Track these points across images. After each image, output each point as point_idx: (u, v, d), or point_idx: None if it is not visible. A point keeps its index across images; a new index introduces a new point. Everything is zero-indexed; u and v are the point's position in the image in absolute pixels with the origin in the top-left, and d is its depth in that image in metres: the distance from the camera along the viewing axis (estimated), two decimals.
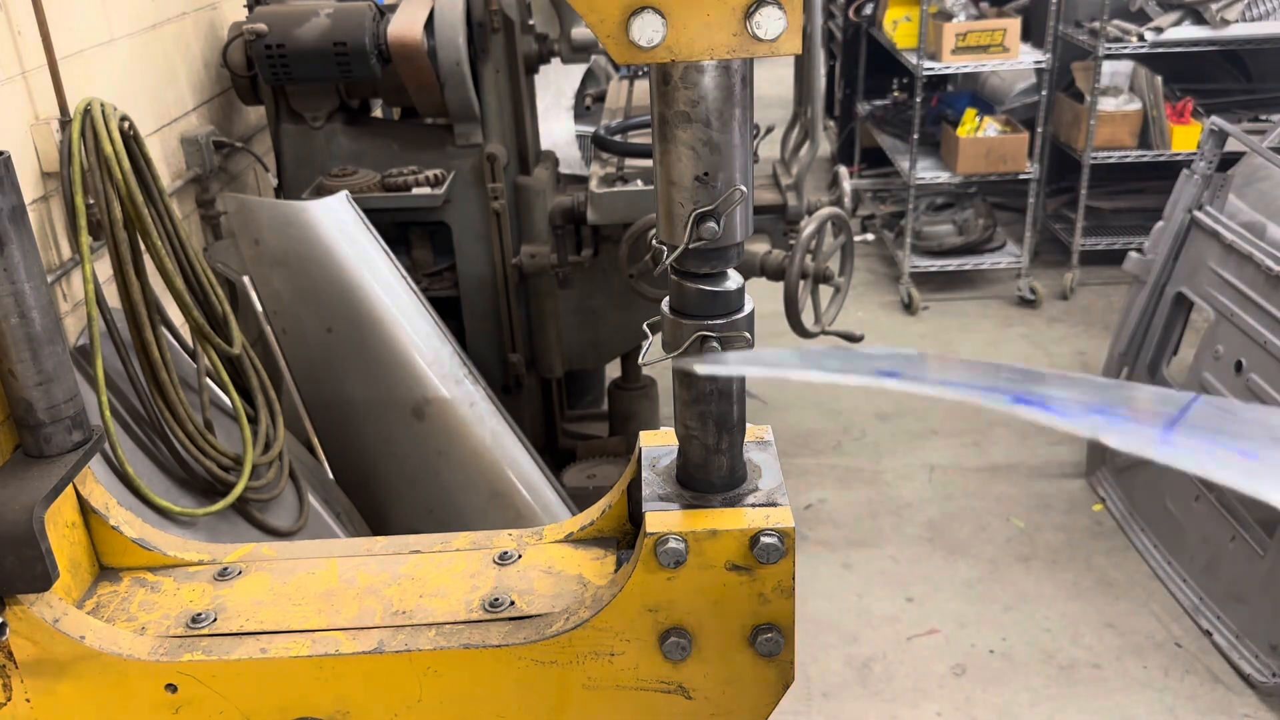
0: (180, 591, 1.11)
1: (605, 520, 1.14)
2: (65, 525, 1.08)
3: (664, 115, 0.90)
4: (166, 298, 2.48)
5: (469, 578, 1.09)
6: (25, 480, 1.00)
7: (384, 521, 3.07)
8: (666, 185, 0.93)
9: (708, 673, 1.00)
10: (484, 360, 3.56)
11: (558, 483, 3.15)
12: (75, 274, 2.60)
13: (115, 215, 2.23)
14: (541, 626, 1.01)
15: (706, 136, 0.90)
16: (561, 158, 3.93)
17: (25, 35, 2.45)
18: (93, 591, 1.12)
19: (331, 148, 3.49)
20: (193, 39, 3.45)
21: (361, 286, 2.96)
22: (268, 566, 1.14)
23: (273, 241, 2.95)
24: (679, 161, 0.91)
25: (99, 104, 2.23)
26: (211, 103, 3.55)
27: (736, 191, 0.92)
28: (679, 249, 0.93)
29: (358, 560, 1.14)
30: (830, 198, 3.84)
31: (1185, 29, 5.38)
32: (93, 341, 2.17)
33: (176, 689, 1.01)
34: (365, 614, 1.05)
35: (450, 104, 3.32)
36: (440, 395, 2.96)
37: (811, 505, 4.16)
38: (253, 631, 1.04)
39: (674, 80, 0.89)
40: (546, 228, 3.56)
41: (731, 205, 0.92)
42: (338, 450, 3.07)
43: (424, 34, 3.22)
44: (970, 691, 3.22)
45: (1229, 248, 3.53)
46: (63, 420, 1.04)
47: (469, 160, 3.44)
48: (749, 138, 0.93)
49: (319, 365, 3.01)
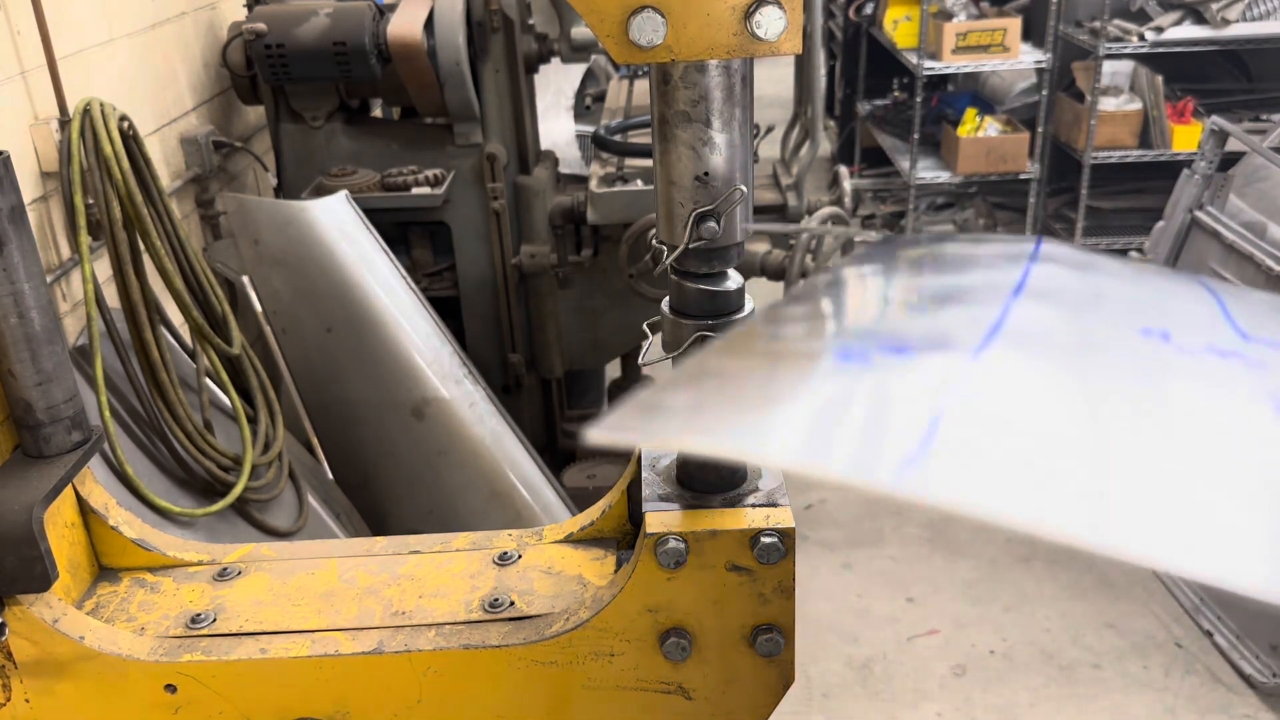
0: (180, 592, 1.11)
1: (605, 520, 1.13)
2: (64, 525, 1.08)
3: (664, 115, 0.90)
4: (166, 298, 2.48)
5: (469, 578, 1.09)
6: (24, 480, 1.00)
7: (384, 522, 3.06)
8: (666, 185, 0.93)
9: (708, 673, 1.00)
10: (484, 360, 3.56)
11: (557, 483, 3.15)
12: (74, 274, 2.60)
13: (115, 215, 2.23)
14: (541, 627, 1.01)
15: (707, 136, 0.90)
16: (561, 157, 3.93)
17: (25, 35, 2.45)
18: (92, 592, 1.12)
19: (331, 147, 3.49)
20: (192, 39, 3.45)
21: (361, 286, 2.95)
22: (267, 567, 1.14)
23: (272, 241, 2.94)
24: (679, 161, 0.91)
25: (98, 104, 2.22)
26: (211, 103, 3.55)
27: (736, 191, 0.92)
28: (679, 249, 0.93)
29: (357, 560, 1.14)
30: (830, 198, 3.84)
31: (1186, 29, 5.38)
32: (92, 341, 2.17)
33: (176, 689, 1.01)
34: (365, 614, 1.05)
35: (450, 104, 3.32)
36: (440, 395, 2.96)
37: (812, 505, 4.16)
38: (252, 632, 1.04)
39: (674, 80, 0.89)
40: (546, 228, 3.56)
41: (731, 205, 0.92)
42: (337, 450, 3.07)
43: (424, 33, 3.22)
44: (970, 692, 3.22)
45: (1230, 248, 3.53)
46: (62, 420, 1.04)
47: (469, 160, 3.44)
48: (749, 137, 0.93)
49: (318, 365, 3.00)
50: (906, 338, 0.57)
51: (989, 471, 0.44)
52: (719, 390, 0.53)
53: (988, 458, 0.45)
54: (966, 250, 0.85)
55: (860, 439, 0.46)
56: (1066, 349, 0.58)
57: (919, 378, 0.52)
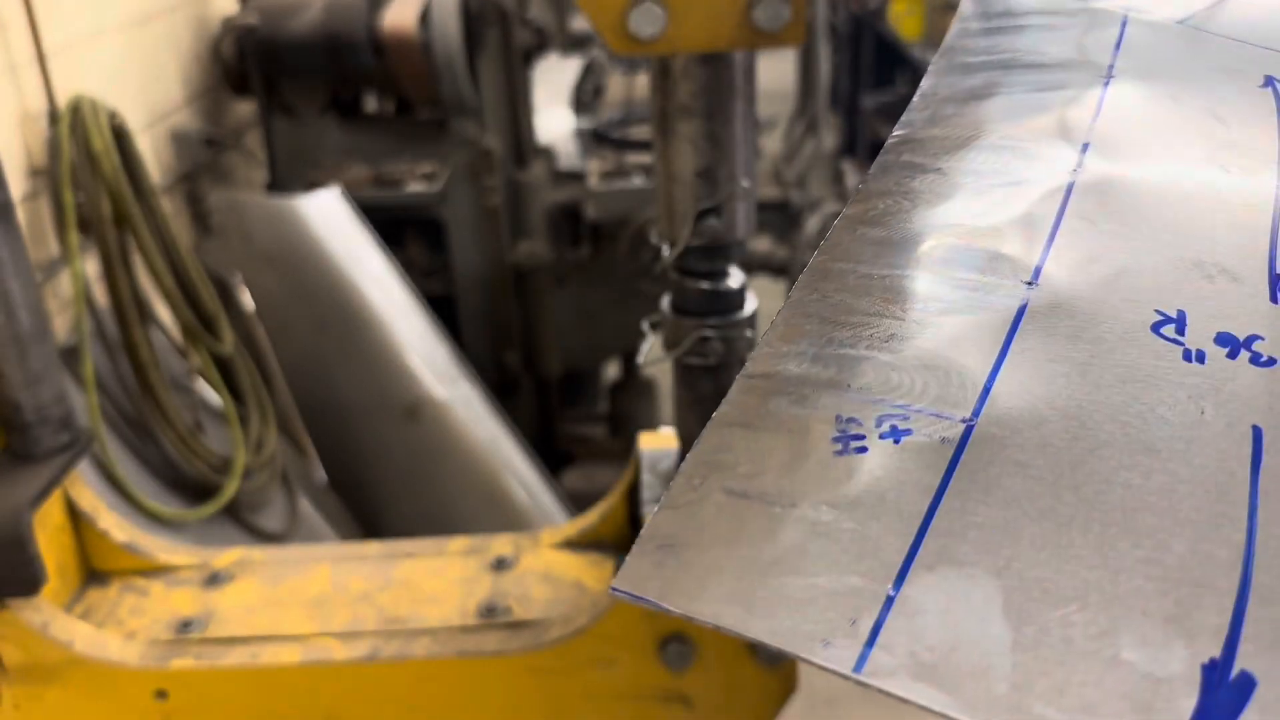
0: (170, 596, 1.09)
1: (604, 524, 1.12)
2: (53, 528, 1.06)
3: (664, 109, 0.89)
4: (156, 297, 2.46)
5: (464, 583, 1.08)
6: (13, 482, 0.99)
7: (377, 525, 3.04)
8: (667, 181, 0.91)
9: (709, 681, 0.99)
10: (479, 360, 3.54)
11: (555, 485, 3.13)
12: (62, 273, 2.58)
13: (104, 212, 2.21)
14: (538, 634, 0.99)
15: (708, 131, 0.88)
16: (559, 153, 3.91)
17: (12, 29, 2.42)
18: (81, 596, 1.10)
19: (324, 143, 3.47)
20: (183, 32, 3.43)
21: (354, 284, 2.93)
22: (258, 571, 1.12)
23: (264, 239, 2.92)
24: (679, 156, 0.89)
25: (88, 99, 2.20)
26: (202, 98, 3.53)
27: (738, 187, 0.90)
28: (680, 246, 0.92)
29: (350, 565, 1.12)
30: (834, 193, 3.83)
31: None
32: (81, 341, 2.15)
33: (166, 695, 1.00)
34: (358, 620, 1.03)
35: (445, 97, 3.30)
36: (435, 396, 2.94)
37: None
38: (243, 638, 1.02)
39: (674, 73, 0.87)
40: (543, 224, 3.54)
41: (733, 201, 0.90)
42: (330, 452, 3.04)
43: (419, 26, 3.20)
44: None
45: None
46: (50, 421, 1.02)
47: (464, 155, 3.41)
48: (751, 132, 0.91)
49: (311, 365, 2.98)
50: (910, 398, 0.56)
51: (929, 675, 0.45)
52: (747, 523, 0.52)
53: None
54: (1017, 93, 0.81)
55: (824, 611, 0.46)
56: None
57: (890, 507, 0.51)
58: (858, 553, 0.48)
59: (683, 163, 0.89)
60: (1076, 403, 0.55)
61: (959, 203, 0.67)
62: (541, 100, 3.82)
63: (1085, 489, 0.50)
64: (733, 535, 0.51)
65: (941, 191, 0.69)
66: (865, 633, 0.45)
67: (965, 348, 0.58)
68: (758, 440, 0.56)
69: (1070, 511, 0.49)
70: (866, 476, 0.52)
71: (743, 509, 0.53)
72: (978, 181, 0.69)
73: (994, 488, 0.50)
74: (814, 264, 0.66)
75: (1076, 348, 0.58)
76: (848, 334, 0.61)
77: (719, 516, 0.52)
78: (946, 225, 0.66)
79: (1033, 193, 0.67)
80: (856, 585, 0.47)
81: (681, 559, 0.51)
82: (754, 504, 0.53)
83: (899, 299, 0.62)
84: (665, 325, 0.98)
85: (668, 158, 0.90)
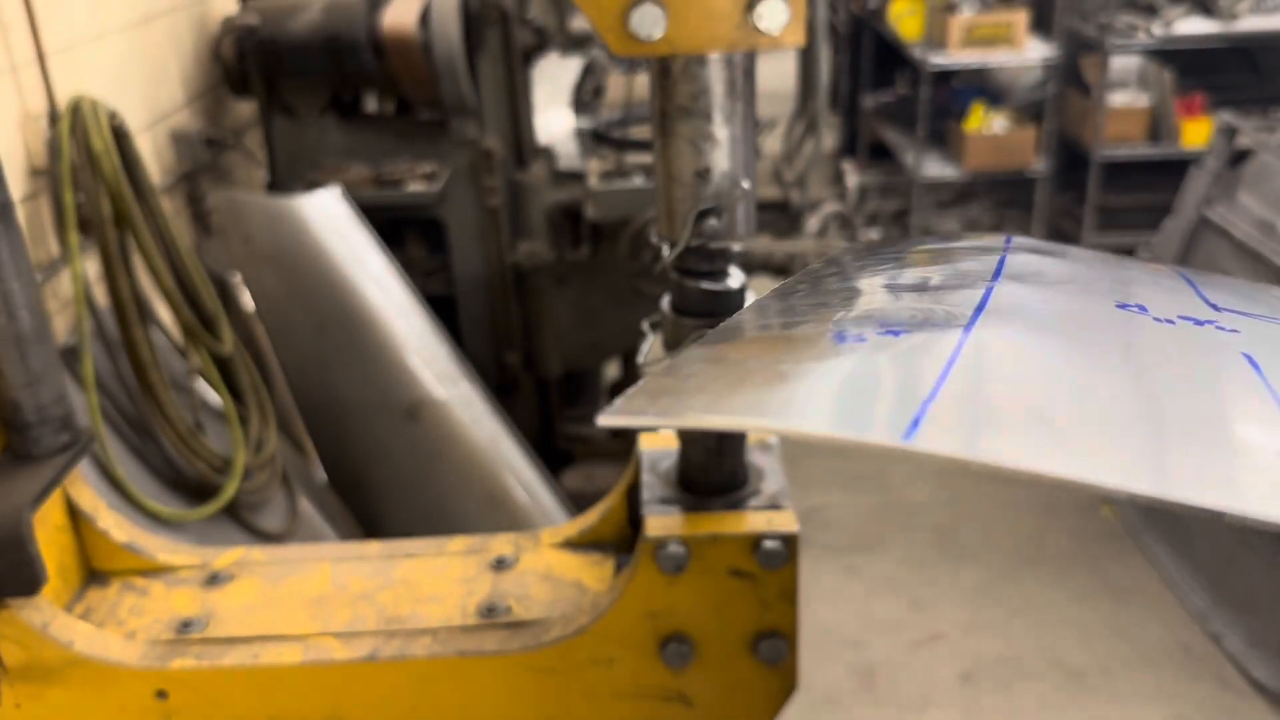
0: (170, 596, 1.09)
1: (604, 524, 1.12)
2: (54, 528, 1.07)
3: (664, 109, 0.89)
4: (156, 297, 2.46)
5: (464, 583, 1.08)
6: (13, 482, 1.00)
7: (377, 525, 3.04)
8: (667, 181, 0.91)
9: (708, 680, 0.99)
10: (480, 360, 3.53)
11: (555, 485, 3.13)
12: (63, 273, 2.58)
13: (104, 212, 2.21)
14: (539, 633, 0.99)
15: (707, 131, 0.88)
16: (559, 153, 3.90)
17: (13, 29, 2.42)
18: (82, 596, 1.10)
19: (324, 143, 3.47)
20: (184, 33, 3.42)
21: (354, 284, 2.93)
22: (259, 571, 1.12)
23: (264, 239, 2.92)
24: (679, 157, 0.89)
25: (88, 100, 2.20)
26: (203, 98, 3.52)
27: (738, 188, 0.90)
28: (679, 246, 0.92)
29: (350, 565, 1.12)
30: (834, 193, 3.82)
31: (1194, 22, 5.33)
32: (81, 341, 2.15)
33: (167, 695, 1.00)
34: (358, 620, 1.03)
35: (445, 98, 3.30)
36: (435, 396, 2.93)
37: (816, 509, 4.14)
38: (244, 637, 1.03)
39: (674, 73, 0.87)
40: (544, 224, 3.54)
41: (733, 201, 0.90)
42: (330, 452, 3.04)
43: (419, 26, 3.20)
44: (977, 698, 3.20)
45: (1240, 246, 3.50)
46: (51, 421, 1.03)
47: (464, 155, 3.41)
48: (751, 132, 0.91)
49: (311, 365, 2.98)
50: (898, 320, 0.61)
51: (993, 423, 0.49)
52: (726, 371, 0.57)
53: (992, 411, 0.50)
54: (941, 246, 0.90)
55: (874, 402, 0.50)
56: (1051, 320, 0.63)
57: (919, 349, 0.56)
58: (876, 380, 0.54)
59: (682, 163, 0.89)
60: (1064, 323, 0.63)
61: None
62: (541, 100, 3.82)
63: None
64: (734, 380, 0.56)
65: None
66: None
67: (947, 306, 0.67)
68: (751, 345, 0.62)
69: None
70: (872, 351, 0.57)
71: (739, 368, 0.57)
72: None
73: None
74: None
75: (1049, 310, 0.66)
76: (836, 310, 0.67)
77: (713, 371, 0.57)
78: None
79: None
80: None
81: (677, 395, 0.54)
82: (754, 366, 0.58)
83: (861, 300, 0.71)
84: (665, 325, 0.98)
85: (667, 158, 0.90)
